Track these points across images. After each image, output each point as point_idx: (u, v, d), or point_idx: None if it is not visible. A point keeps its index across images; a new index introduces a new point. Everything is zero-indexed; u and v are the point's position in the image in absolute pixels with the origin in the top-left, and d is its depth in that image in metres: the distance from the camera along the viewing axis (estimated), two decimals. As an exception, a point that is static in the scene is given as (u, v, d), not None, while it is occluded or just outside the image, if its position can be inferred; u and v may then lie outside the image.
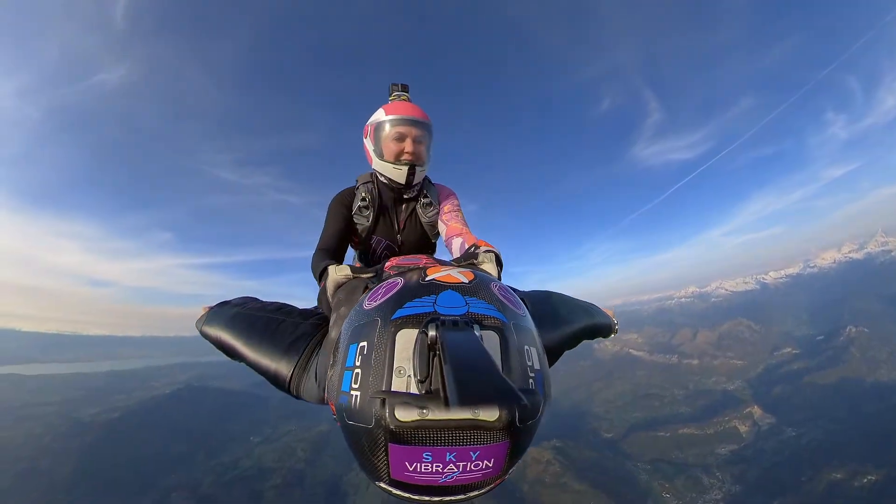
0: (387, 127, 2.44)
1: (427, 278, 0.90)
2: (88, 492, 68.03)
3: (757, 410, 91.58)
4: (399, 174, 2.44)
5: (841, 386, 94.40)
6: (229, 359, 1.87)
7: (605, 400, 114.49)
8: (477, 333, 0.74)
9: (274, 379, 1.61)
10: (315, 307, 1.84)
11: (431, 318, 0.75)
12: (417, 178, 2.51)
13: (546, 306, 1.95)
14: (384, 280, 1.05)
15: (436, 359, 0.72)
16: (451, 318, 0.75)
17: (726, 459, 77.74)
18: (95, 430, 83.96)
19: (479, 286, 0.88)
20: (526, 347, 0.78)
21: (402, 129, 2.42)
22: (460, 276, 0.92)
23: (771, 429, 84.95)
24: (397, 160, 2.43)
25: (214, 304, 2.07)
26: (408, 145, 2.40)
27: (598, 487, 63.03)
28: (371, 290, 1.03)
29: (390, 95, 2.82)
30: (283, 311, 1.81)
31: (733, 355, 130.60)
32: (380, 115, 2.50)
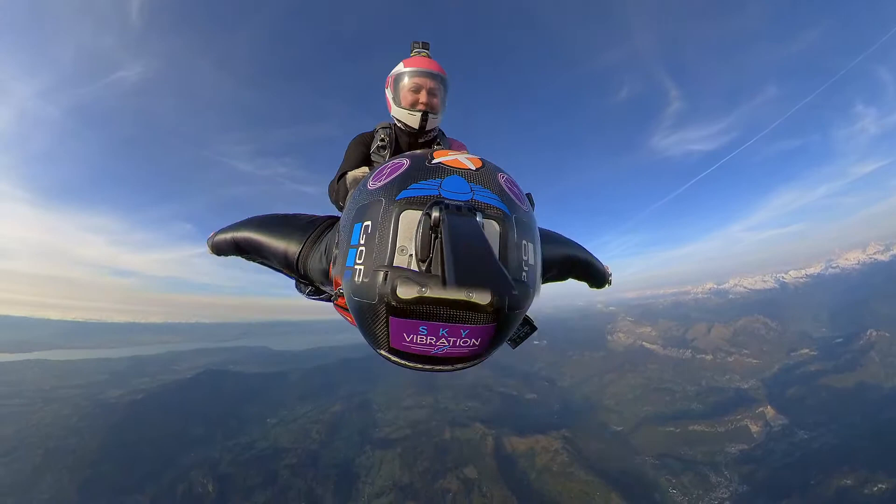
0: (405, 78, 2.72)
1: (434, 161, 0.92)
2: (112, 468, 70.34)
3: (770, 411, 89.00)
4: (413, 119, 2.71)
5: (858, 391, 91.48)
6: (243, 258, 2.04)
7: (615, 392, 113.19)
8: (479, 221, 0.75)
9: (284, 257, 1.68)
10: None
11: (436, 201, 0.75)
12: (430, 125, 2.77)
13: (546, 232, 2.03)
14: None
15: (437, 241, 0.73)
16: (455, 202, 0.76)
17: (735, 458, 76.36)
18: (119, 411, 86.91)
19: (486, 175, 0.91)
20: (524, 242, 0.83)
21: (418, 80, 2.69)
22: (468, 162, 0.93)
23: (783, 430, 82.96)
24: (412, 108, 2.71)
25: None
26: (422, 96, 2.69)
27: (605, 478, 63.16)
28: (377, 169, 1.02)
29: (411, 52, 3.01)
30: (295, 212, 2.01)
31: (748, 353, 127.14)
32: (399, 67, 2.78)
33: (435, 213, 0.73)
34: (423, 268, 0.75)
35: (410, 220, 0.78)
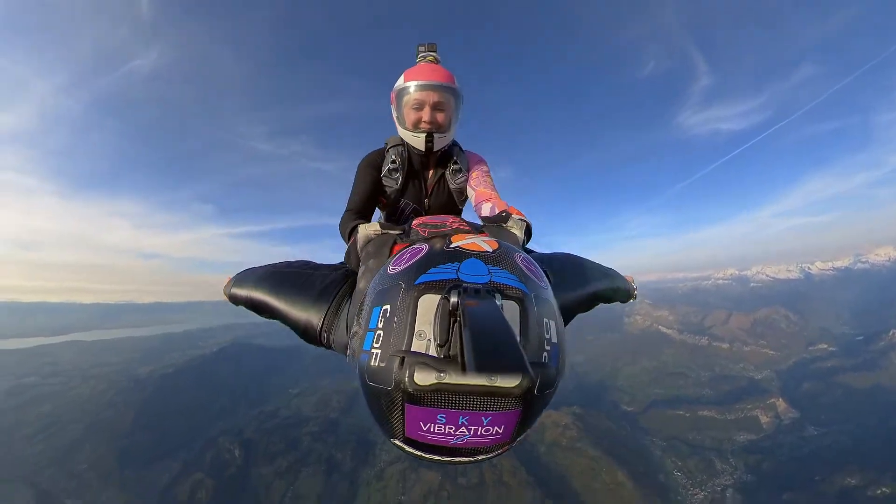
0: (406, 93, 2.38)
1: (451, 245, 0.93)
2: (146, 437, 75.12)
3: (781, 403, 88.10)
4: (418, 142, 2.41)
5: (874, 392, 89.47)
6: (261, 317, 1.93)
7: (629, 374, 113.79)
8: (498, 303, 0.75)
9: (304, 330, 1.60)
10: (342, 262, 1.93)
11: (454, 285, 0.76)
12: (438, 146, 2.45)
13: (565, 266, 1.94)
14: (411, 237, 1.15)
15: (456, 325, 0.71)
16: (473, 285, 0.76)
17: (743, 447, 76.54)
18: (151, 385, 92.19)
19: (503, 256, 0.90)
20: (545, 320, 0.82)
21: (420, 95, 2.34)
22: (485, 244, 0.94)
23: (793, 424, 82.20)
24: (416, 128, 2.39)
25: (239, 271, 2.13)
26: (425, 114, 2.34)
27: (612, 456, 64.18)
28: (396, 255, 1.04)
29: (417, 57, 2.73)
30: (310, 266, 1.87)
31: (766, 344, 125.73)
32: (400, 81, 2.43)
33: (453, 298, 0.72)
34: (442, 353, 0.72)
35: (429, 305, 0.76)
